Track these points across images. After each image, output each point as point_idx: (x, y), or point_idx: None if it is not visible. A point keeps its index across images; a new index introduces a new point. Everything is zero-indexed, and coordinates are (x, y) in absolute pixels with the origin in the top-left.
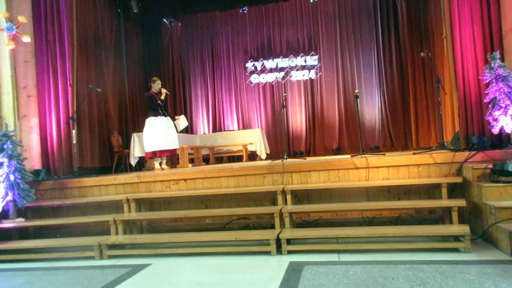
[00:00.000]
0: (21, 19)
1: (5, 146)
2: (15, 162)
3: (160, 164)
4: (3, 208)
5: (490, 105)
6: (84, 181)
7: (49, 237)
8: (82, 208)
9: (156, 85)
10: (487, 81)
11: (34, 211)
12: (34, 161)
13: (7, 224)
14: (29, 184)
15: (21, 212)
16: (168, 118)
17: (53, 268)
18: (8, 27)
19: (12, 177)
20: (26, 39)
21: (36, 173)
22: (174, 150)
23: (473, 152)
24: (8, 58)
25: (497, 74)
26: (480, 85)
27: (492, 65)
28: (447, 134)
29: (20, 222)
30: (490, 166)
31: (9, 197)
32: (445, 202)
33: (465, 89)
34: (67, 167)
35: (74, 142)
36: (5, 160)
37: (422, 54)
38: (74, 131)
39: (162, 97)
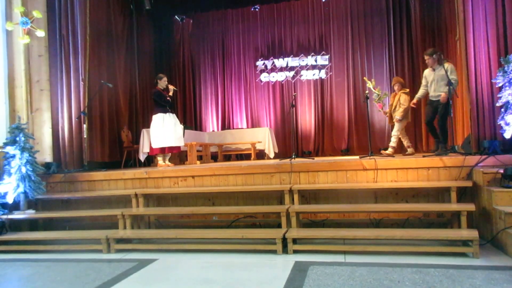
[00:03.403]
0: (36, 13)
1: (17, 139)
2: (27, 155)
3: (164, 160)
4: (14, 199)
5: (502, 109)
6: (93, 175)
7: (58, 230)
8: (91, 202)
9: (163, 82)
10: (499, 85)
11: (44, 203)
12: (45, 154)
13: (18, 215)
14: (40, 177)
15: (32, 204)
16: (175, 115)
17: (61, 260)
18: (23, 22)
19: (23, 169)
20: (40, 33)
21: (47, 166)
22: (180, 147)
23: (484, 156)
24: (22, 52)
25: (510, 78)
26: (493, 89)
27: (505, 68)
28: (458, 137)
29: (30, 213)
30: (501, 171)
31: (21, 189)
32: (454, 206)
33: (477, 92)
34: (78, 161)
35: (85, 136)
36: (18, 152)
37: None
38: (85, 126)
39: (170, 94)
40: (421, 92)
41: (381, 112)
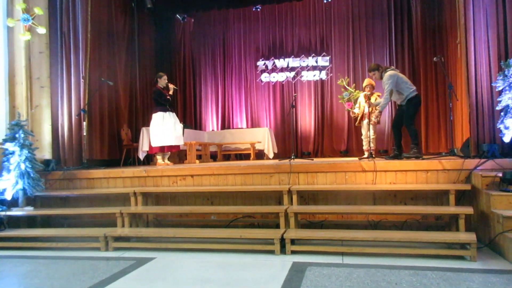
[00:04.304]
0: (37, 10)
1: (17, 135)
2: (26, 152)
3: (163, 159)
4: (13, 196)
5: (502, 113)
6: (92, 173)
7: (56, 227)
8: (89, 200)
9: (163, 81)
10: (499, 88)
11: (43, 200)
12: (44, 151)
13: (16, 212)
14: (39, 174)
15: (30, 200)
16: (175, 114)
17: (59, 257)
18: (24, 18)
19: (23, 166)
20: (41, 30)
21: (46, 163)
22: (179, 146)
23: (483, 160)
24: (23, 48)
25: (510, 82)
26: (492, 92)
27: (506, 72)
28: (457, 140)
29: (29, 210)
30: (500, 174)
31: (19, 186)
32: (452, 209)
33: (477, 95)
34: (77, 158)
35: (85, 134)
36: (17, 149)
37: (435, 58)
38: (84, 123)
39: (171, 93)
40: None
41: (370, 113)
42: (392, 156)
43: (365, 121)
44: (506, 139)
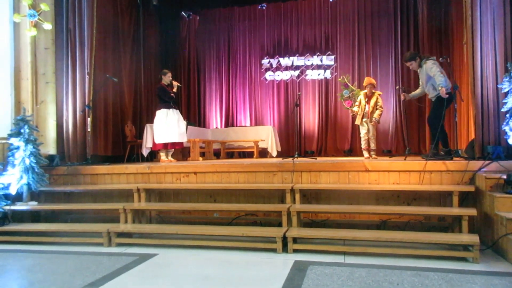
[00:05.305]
0: (43, 6)
1: (22, 130)
2: (31, 147)
3: (166, 156)
4: (17, 191)
5: (507, 115)
6: (96, 169)
7: (60, 222)
8: (93, 195)
9: (167, 78)
10: (505, 90)
11: (47, 195)
12: (49, 146)
13: (21, 206)
14: (44, 169)
15: (35, 195)
16: (178, 111)
17: (62, 252)
18: (31, 14)
19: (27, 161)
20: (47, 26)
21: (50, 158)
22: (182, 143)
23: (487, 162)
24: (29, 44)
25: None
26: (498, 94)
27: None
28: (462, 141)
29: (33, 205)
30: (504, 176)
31: (24, 181)
32: (455, 211)
33: (482, 97)
34: (81, 154)
35: (89, 129)
36: (22, 144)
37: (440, 59)
38: (89, 119)
39: (174, 90)
40: (416, 91)
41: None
42: (431, 156)
43: (364, 119)
44: (511, 141)
